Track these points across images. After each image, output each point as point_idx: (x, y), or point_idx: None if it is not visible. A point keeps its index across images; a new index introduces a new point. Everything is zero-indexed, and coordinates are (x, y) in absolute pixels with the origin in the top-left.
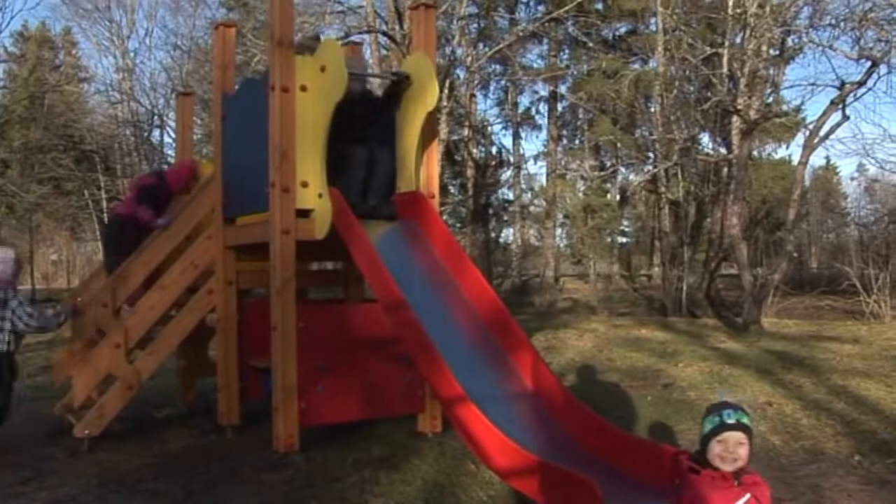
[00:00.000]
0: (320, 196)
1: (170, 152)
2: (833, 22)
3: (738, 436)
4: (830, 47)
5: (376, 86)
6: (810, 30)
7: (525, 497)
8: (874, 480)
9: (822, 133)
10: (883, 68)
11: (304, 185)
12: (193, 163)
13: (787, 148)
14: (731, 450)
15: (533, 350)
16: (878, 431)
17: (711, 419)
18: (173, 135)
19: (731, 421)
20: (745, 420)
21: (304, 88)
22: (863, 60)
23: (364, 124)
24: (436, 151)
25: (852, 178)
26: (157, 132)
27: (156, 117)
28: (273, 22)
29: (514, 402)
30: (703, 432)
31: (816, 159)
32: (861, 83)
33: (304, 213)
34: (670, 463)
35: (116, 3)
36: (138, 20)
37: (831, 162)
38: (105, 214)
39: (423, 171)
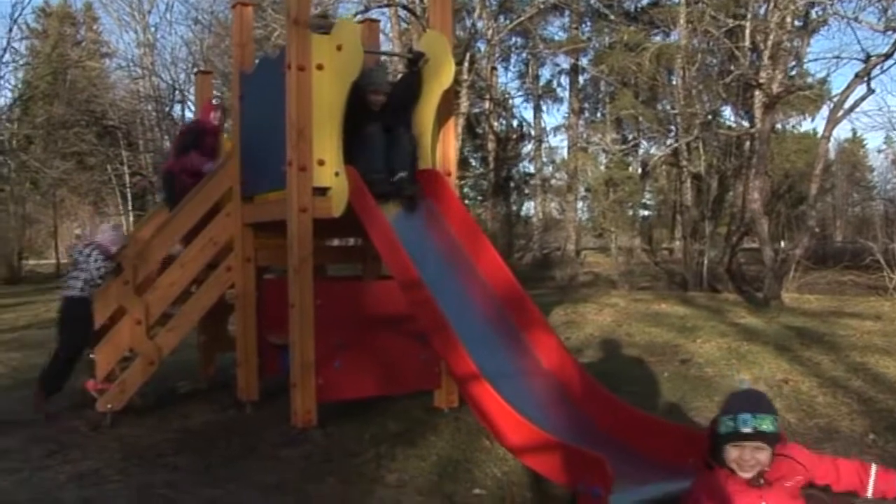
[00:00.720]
0: (337, 174)
1: None
2: None
3: (756, 444)
4: (856, 19)
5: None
6: (835, 1)
7: (538, 474)
8: (889, 460)
9: (846, 106)
10: None
11: (321, 163)
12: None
13: (812, 121)
14: (747, 458)
15: (548, 328)
16: (894, 410)
17: (727, 422)
18: (194, 108)
19: (747, 430)
20: (766, 426)
21: (320, 67)
22: (889, 32)
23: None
24: (452, 129)
25: (879, 151)
26: (178, 107)
27: (177, 92)
28: (289, 0)
29: (529, 380)
30: (717, 429)
31: (842, 132)
32: (887, 56)
33: (321, 191)
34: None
35: None
36: None
37: (858, 134)
38: (128, 189)
39: (440, 148)
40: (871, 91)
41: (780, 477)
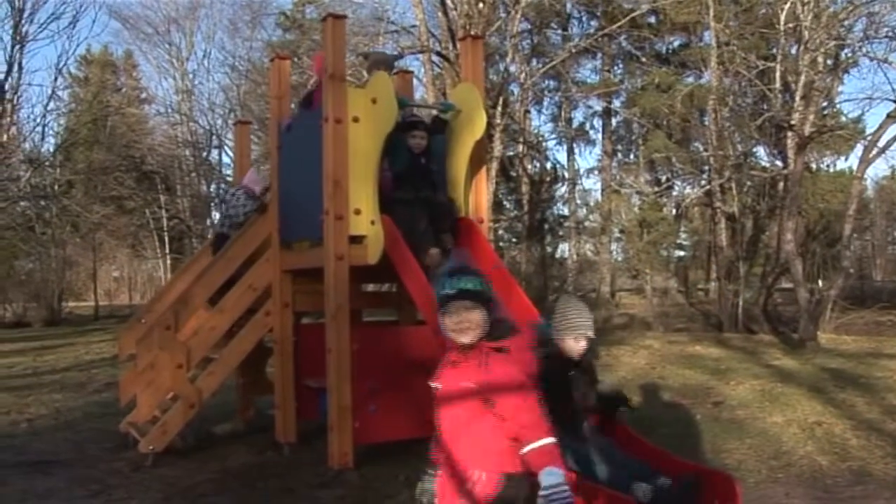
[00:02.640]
0: (373, 223)
1: (228, 172)
2: (890, 34)
3: (464, 304)
4: (885, 60)
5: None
6: (865, 42)
7: None
8: None
9: (879, 146)
10: None
11: (357, 212)
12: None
13: (847, 160)
14: (459, 320)
15: None
16: None
17: (439, 296)
18: (231, 154)
19: (449, 291)
20: (466, 284)
21: (356, 119)
22: None
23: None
24: (484, 178)
25: None
26: (215, 152)
27: (214, 137)
28: (326, 56)
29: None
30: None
31: (880, 170)
32: None
33: (357, 240)
34: None
35: (176, 27)
36: (197, 42)
37: None
38: (166, 233)
39: (472, 196)
40: None
41: (491, 360)
